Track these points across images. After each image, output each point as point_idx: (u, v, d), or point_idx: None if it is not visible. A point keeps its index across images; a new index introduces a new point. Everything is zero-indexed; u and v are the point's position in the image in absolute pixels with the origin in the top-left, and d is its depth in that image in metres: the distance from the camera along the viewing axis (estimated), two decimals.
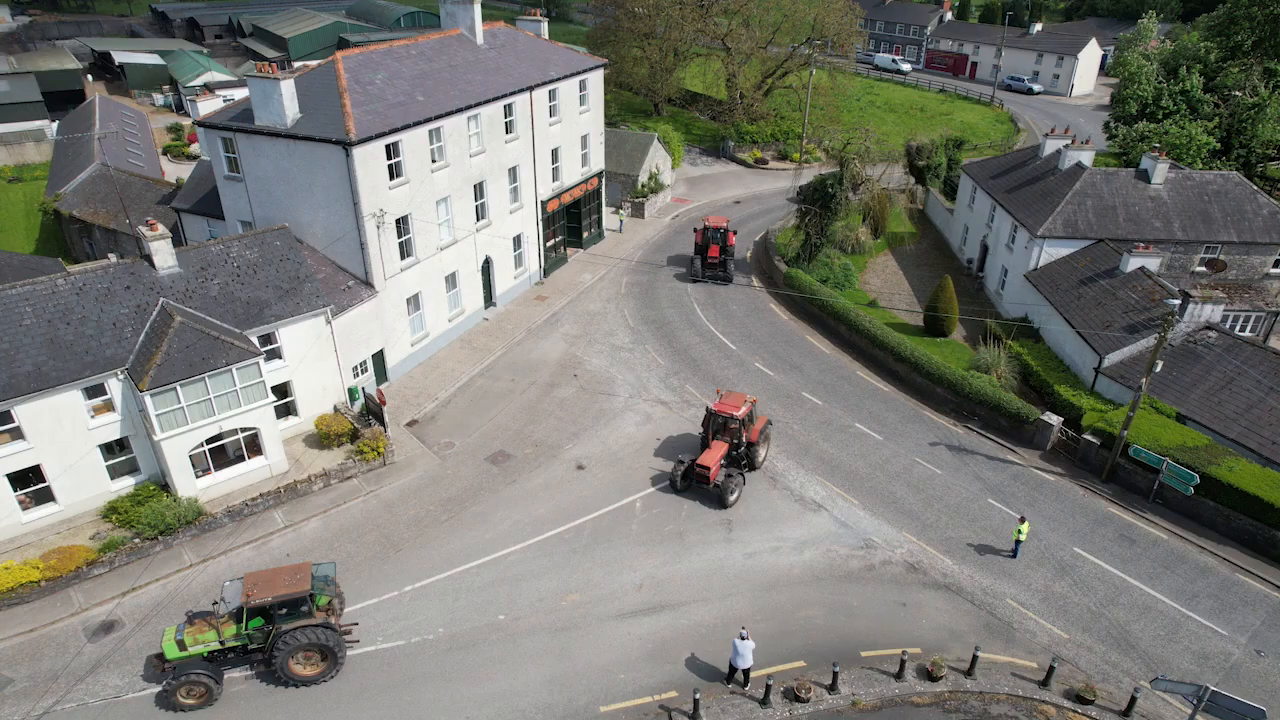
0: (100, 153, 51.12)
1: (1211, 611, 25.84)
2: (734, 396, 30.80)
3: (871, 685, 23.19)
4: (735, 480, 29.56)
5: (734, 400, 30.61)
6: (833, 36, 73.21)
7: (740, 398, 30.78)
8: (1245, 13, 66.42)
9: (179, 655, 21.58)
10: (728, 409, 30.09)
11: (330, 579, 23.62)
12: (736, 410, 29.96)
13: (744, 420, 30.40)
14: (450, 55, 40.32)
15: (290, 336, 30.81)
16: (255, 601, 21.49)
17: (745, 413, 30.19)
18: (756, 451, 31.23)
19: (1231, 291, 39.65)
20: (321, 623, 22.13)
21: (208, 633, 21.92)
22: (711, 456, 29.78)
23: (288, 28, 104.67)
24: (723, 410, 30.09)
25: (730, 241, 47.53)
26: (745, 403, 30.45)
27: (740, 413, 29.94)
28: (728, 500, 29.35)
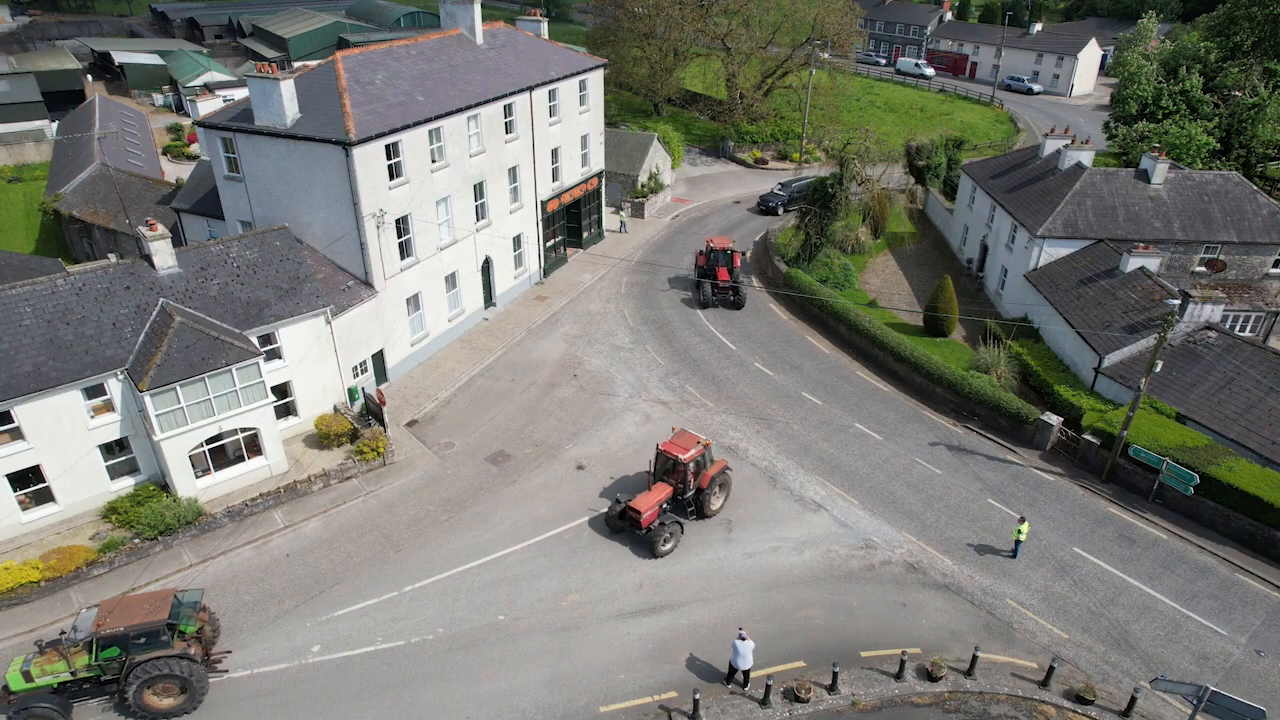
0: (100, 153, 51.12)
1: (1211, 611, 25.84)
2: (685, 437, 28.42)
3: (871, 685, 23.19)
4: (671, 529, 27.19)
5: (685, 441, 28.15)
6: (833, 36, 73.18)
7: (692, 439, 28.29)
8: (1245, 13, 66.42)
9: (24, 687, 20.46)
10: (675, 450, 27.71)
11: (198, 605, 22.67)
12: (683, 453, 27.52)
13: (692, 464, 27.89)
14: (450, 55, 40.32)
15: (290, 336, 30.81)
16: (107, 631, 20.53)
17: (693, 456, 27.64)
18: (707, 499, 28.52)
19: (1231, 291, 39.65)
20: (179, 653, 21.12)
21: (57, 663, 20.85)
22: (648, 500, 27.39)
23: (288, 28, 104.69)
24: (669, 451, 27.77)
25: (736, 263, 44.80)
26: (697, 445, 27.94)
27: (686, 456, 27.44)
28: (657, 550, 26.99)
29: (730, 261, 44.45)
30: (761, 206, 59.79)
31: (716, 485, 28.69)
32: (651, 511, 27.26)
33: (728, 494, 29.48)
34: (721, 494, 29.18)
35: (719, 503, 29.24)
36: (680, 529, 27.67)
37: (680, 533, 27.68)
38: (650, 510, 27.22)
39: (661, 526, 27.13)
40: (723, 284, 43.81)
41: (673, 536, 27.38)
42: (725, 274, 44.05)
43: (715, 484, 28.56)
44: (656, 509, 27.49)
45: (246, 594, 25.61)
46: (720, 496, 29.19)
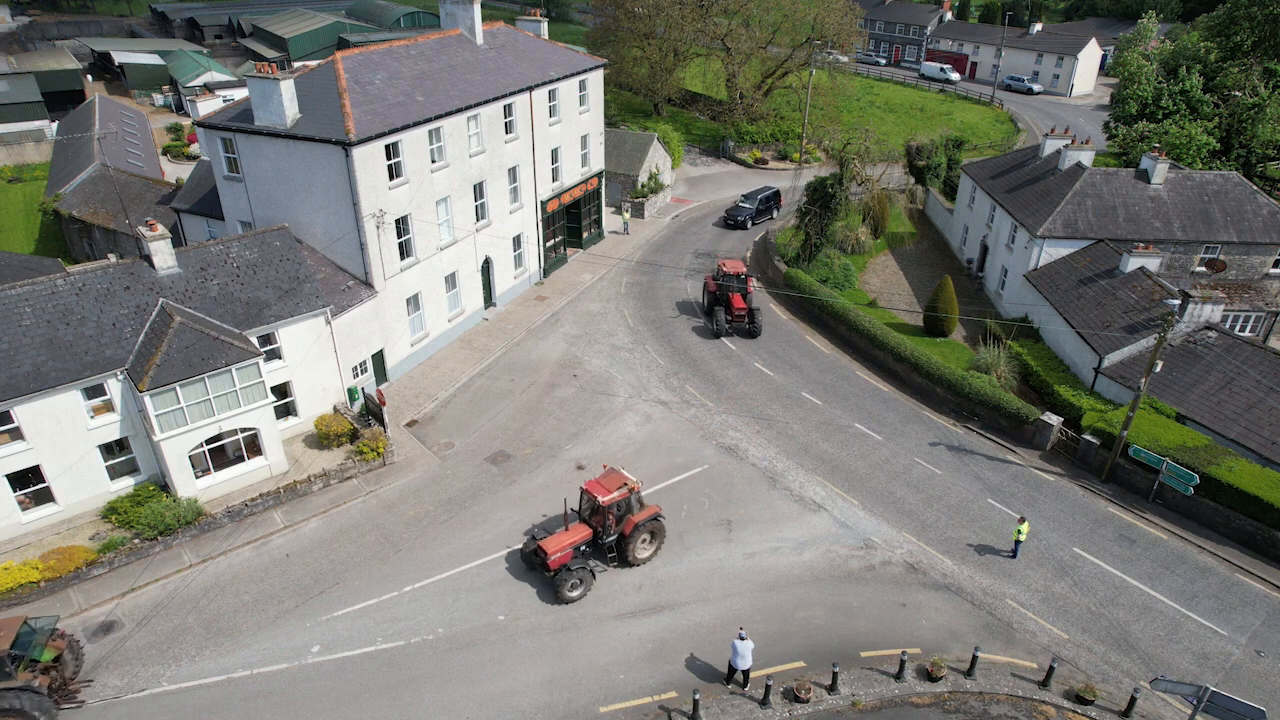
0: (100, 153, 51.12)
1: (1211, 612, 25.83)
2: (613, 477, 26.04)
3: (871, 685, 23.18)
4: (580, 575, 25.10)
5: (610, 481, 25.84)
6: (833, 36, 73.18)
7: (619, 480, 25.89)
8: (1245, 13, 66.39)
9: None
10: (596, 490, 25.52)
11: (53, 631, 21.95)
12: (604, 494, 25.27)
13: (615, 507, 25.74)
14: (450, 55, 40.32)
15: (290, 337, 30.81)
16: None
17: (615, 498, 25.37)
18: (630, 546, 26.13)
19: (1231, 291, 39.64)
20: (21, 685, 20.20)
21: None
22: (560, 540, 25.45)
23: (287, 28, 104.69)
24: (591, 490, 25.63)
25: (750, 289, 41.85)
26: (622, 487, 25.60)
27: (606, 498, 25.21)
28: (561, 595, 24.97)
29: (744, 286, 41.54)
30: (729, 221, 56.13)
31: (646, 533, 26.40)
32: (562, 554, 25.25)
33: (660, 543, 27.02)
34: (652, 544, 26.84)
35: (647, 553, 26.82)
36: (592, 576, 25.51)
37: (591, 580, 25.49)
38: (560, 552, 25.22)
39: (568, 572, 24.95)
40: (738, 312, 40.83)
41: (581, 584, 25.23)
42: (740, 301, 41.15)
43: (643, 531, 26.26)
44: (569, 551, 25.45)
45: (246, 594, 25.61)
46: (649, 546, 26.82)
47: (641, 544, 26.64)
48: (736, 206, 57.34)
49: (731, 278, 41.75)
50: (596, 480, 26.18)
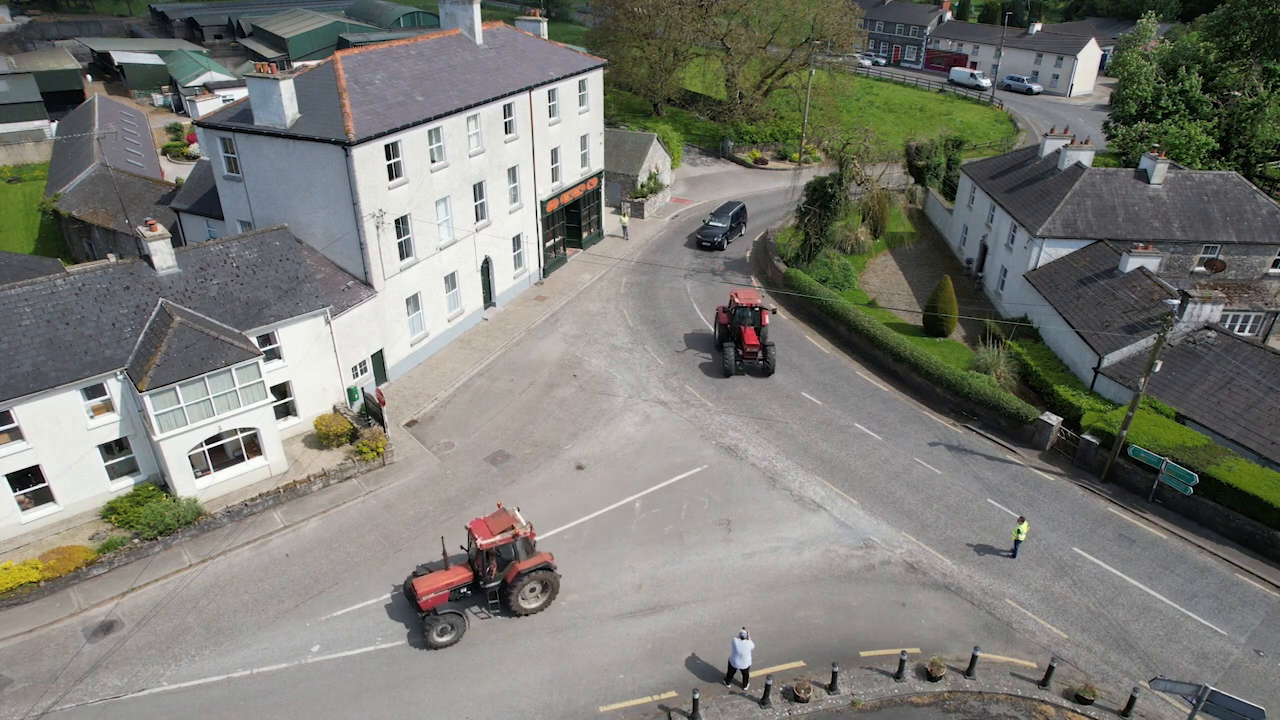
0: (100, 153, 51.12)
1: (1211, 611, 25.84)
2: (500, 519, 24.26)
3: (871, 685, 23.19)
4: (451, 620, 23.53)
5: (497, 523, 24.07)
6: (832, 36, 73.21)
7: (507, 522, 24.02)
8: (1244, 13, 66.43)
9: None
10: (478, 531, 23.84)
11: None
12: (485, 537, 23.61)
13: (497, 552, 24.08)
14: (450, 55, 40.33)
15: (289, 336, 30.81)
16: None
17: (496, 542, 23.58)
18: (513, 595, 24.18)
19: (1230, 291, 39.66)
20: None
21: None
22: (434, 581, 23.83)
23: (287, 28, 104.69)
24: (474, 530, 23.97)
25: (764, 321, 38.31)
26: (508, 530, 23.82)
27: (486, 541, 23.48)
28: (428, 639, 23.36)
29: (758, 320, 38.24)
30: (705, 242, 51.85)
31: (535, 583, 24.48)
32: (436, 595, 23.59)
33: (551, 596, 24.89)
34: (541, 595, 24.76)
35: (534, 604, 24.73)
36: (463, 622, 23.82)
37: (462, 626, 23.80)
38: (434, 593, 23.54)
39: (436, 616, 23.27)
40: (750, 348, 37.41)
41: (452, 629, 23.63)
42: (753, 336, 37.72)
43: (529, 580, 24.28)
44: (444, 593, 23.80)
45: (246, 594, 25.61)
46: (538, 597, 24.75)
47: (529, 593, 24.60)
48: (708, 226, 53.11)
49: (745, 310, 38.29)
50: (484, 519, 24.40)
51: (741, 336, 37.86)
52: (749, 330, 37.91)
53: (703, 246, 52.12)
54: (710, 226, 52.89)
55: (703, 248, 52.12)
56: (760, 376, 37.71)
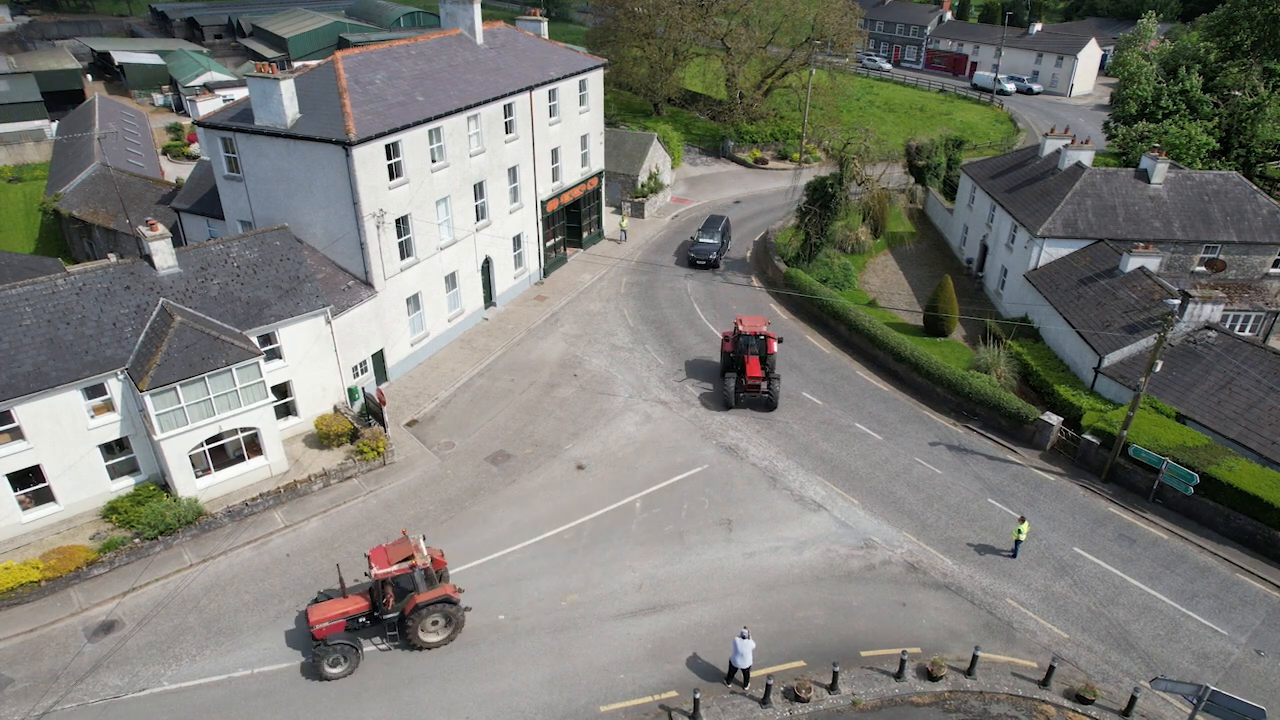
0: (100, 153, 51.12)
1: (1211, 611, 25.84)
2: (399, 547, 23.07)
3: (871, 685, 23.19)
4: (345, 652, 22.45)
5: (396, 551, 22.92)
6: (832, 36, 73.21)
7: (406, 550, 22.90)
8: (1245, 13, 66.43)
9: None
10: (377, 559, 22.71)
11: None
12: (381, 566, 22.42)
13: (396, 582, 22.86)
14: (450, 55, 40.33)
15: (290, 336, 30.81)
16: None
17: (392, 572, 22.37)
18: (412, 628, 22.97)
19: (1231, 291, 39.66)
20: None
21: None
22: (329, 610, 22.81)
23: (287, 28, 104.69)
24: (372, 558, 22.74)
25: (771, 349, 35.58)
26: (407, 559, 22.60)
27: (382, 571, 22.27)
28: (320, 670, 22.35)
29: (764, 349, 35.66)
30: (700, 260, 48.70)
31: (438, 616, 23.21)
32: (330, 624, 22.60)
33: (455, 630, 23.67)
34: (445, 629, 23.52)
35: (436, 638, 23.47)
36: (357, 655, 22.67)
37: (356, 658, 22.66)
38: (327, 622, 22.54)
39: (326, 647, 22.20)
40: (752, 380, 34.95)
41: (345, 661, 22.53)
42: (756, 367, 35.18)
43: (431, 614, 23.04)
44: (340, 623, 22.79)
45: (246, 593, 25.61)
46: (440, 630, 23.50)
47: (431, 625, 23.33)
48: (698, 243, 49.77)
49: (749, 338, 35.61)
50: (384, 547, 23.26)
51: (745, 367, 35.31)
52: (753, 360, 35.29)
53: (696, 265, 49.13)
54: (701, 244, 49.66)
55: (696, 266, 49.09)
56: (762, 411, 35.28)
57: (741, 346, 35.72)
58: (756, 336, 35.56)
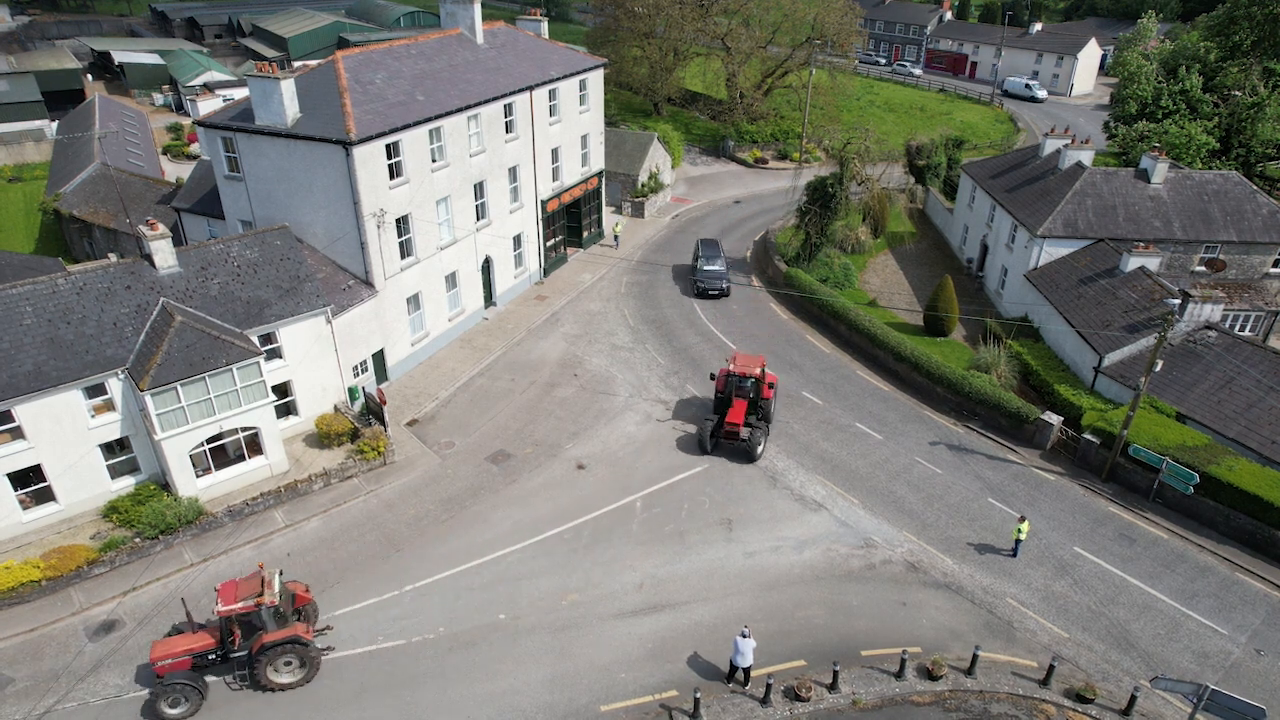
0: (100, 152, 51.11)
1: (1211, 610, 25.85)
2: (250, 582, 21.93)
3: (872, 684, 23.20)
4: (185, 693, 21.03)
5: (248, 586, 21.80)
6: (833, 36, 73.23)
7: (254, 586, 21.74)
8: (1245, 12, 66.44)
9: None
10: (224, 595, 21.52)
11: None
12: (227, 601, 21.31)
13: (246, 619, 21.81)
14: (450, 55, 40.34)
15: (290, 336, 30.81)
16: None
17: (239, 609, 21.24)
18: (261, 669, 21.73)
19: (1231, 291, 39.66)
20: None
21: None
22: (172, 645, 21.65)
23: (287, 27, 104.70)
24: (221, 595, 21.56)
25: (767, 393, 32.66)
26: (254, 596, 21.47)
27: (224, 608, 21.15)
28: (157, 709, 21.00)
29: (757, 392, 32.58)
30: (713, 290, 45.09)
31: (290, 656, 21.95)
32: (174, 661, 21.35)
33: (311, 672, 22.38)
34: (298, 670, 22.25)
35: (288, 679, 22.18)
36: (199, 695, 21.28)
37: (198, 699, 21.28)
38: (170, 659, 21.32)
39: (163, 686, 20.95)
40: (729, 427, 31.78)
41: (185, 701, 21.08)
42: (739, 413, 31.94)
43: (282, 653, 21.79)
44: (185, 659, 21.54)
45: None
46: (292, 672, 22.22)
47: (283, 666, 22.07)
48: (706, 272, 45.48)
49: (741, 380, 32.44)
50: (235, 581, 22.16)
51: (727, 410, 32.51)
52: (739, 404, 32.16)
53: (709, 296, 45.34)
54: (708, 272, 45.60)
55: (709, 297, 45.33)
56: (742, 461, 31.89)
57: (731, 387, 32.79)
58: (749, 378, 32.34)
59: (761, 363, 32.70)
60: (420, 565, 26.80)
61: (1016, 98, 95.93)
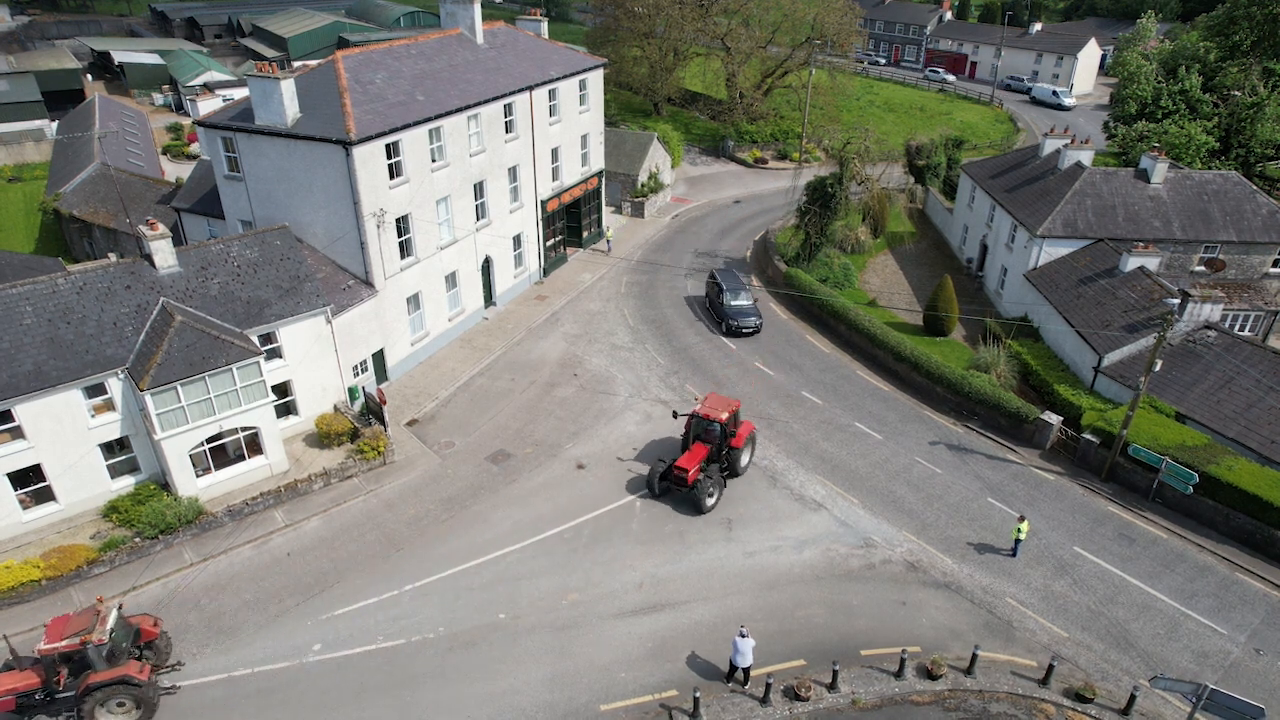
0: (100, 152, 51.12)
1: (1211, 610, 25.87)
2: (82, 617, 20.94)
3: (871, 684, 23.21)
4: None
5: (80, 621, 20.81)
6: (832, 36, 73.25)
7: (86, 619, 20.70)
8: (1245, 12, 66.45)
9: None
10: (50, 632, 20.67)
11: None
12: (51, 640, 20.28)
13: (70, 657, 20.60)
14: (450, 55, 40.34)
15: (290, 336, 30.82)
16: None
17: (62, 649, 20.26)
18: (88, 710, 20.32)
19: (1230, 291, 39.68)
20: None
21: None
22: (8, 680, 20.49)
23: (287, 27, 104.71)
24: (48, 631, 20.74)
25: (737, 443, 29.81)
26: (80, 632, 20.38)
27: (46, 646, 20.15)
28: None
29: (719, 439, 29.53)
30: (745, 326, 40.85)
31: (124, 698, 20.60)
32: None
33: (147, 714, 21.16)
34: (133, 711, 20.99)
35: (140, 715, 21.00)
36: None
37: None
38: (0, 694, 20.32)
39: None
40: (677, 473, 28.83)
41: None
42: (692, 458, 28.99)
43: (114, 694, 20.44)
44: (7, 700, 20.40)
45: (247, 592, 25.63)
46: (126, 713, 20.95)
47: (117, 707, 20.69)
48: (735, 308, 41.38)
49: (708, 424, 29.49)
50: (67, 616, 21.32)
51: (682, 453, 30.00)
52: (696, 450, 29.32)
53: (742, 333, 40.95)
54: (738, 308, 41.38)
55: (742, 334, 40.97)
56: (690, 513, 29.15)
57: (696, 430, 29.96)
58: (713, 422, 29.05)
59: (734, 407, 29.73)
60: (420, 565, 26.82)
61: (1043, 104, 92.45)
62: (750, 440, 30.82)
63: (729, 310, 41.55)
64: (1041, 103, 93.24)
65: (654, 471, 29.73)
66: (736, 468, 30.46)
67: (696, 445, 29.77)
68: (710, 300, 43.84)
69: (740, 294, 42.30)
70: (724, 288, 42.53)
